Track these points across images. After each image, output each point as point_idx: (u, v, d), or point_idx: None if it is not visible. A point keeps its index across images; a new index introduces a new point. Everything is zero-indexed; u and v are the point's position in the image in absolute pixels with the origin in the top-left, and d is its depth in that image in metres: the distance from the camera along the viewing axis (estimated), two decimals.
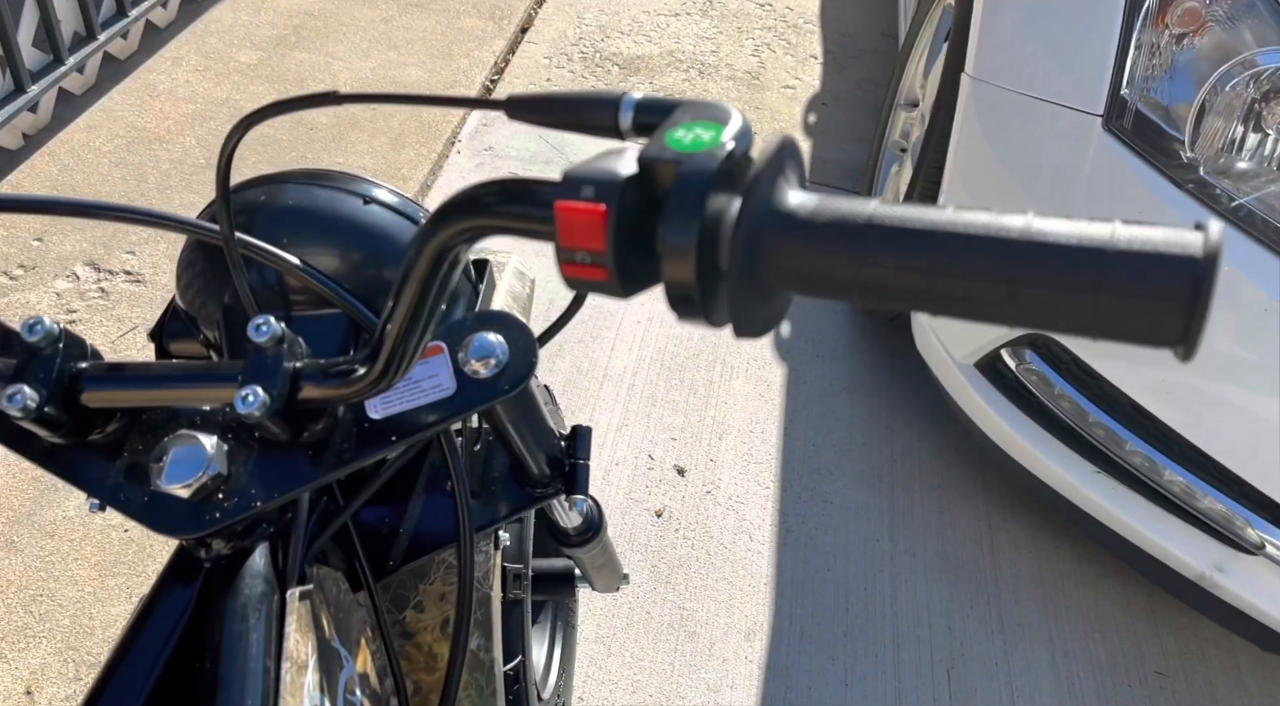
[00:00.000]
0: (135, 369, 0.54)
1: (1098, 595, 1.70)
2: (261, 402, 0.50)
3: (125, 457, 0.56)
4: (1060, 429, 1.48)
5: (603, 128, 0.42)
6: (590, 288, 0.38)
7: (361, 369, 0.50)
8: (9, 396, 0.50)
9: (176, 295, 0.75)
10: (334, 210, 0.70)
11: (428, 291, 0.46)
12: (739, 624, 1.60)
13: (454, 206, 0.42)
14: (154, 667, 0.55)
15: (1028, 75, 1.40)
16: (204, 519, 0.54)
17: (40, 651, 1.36)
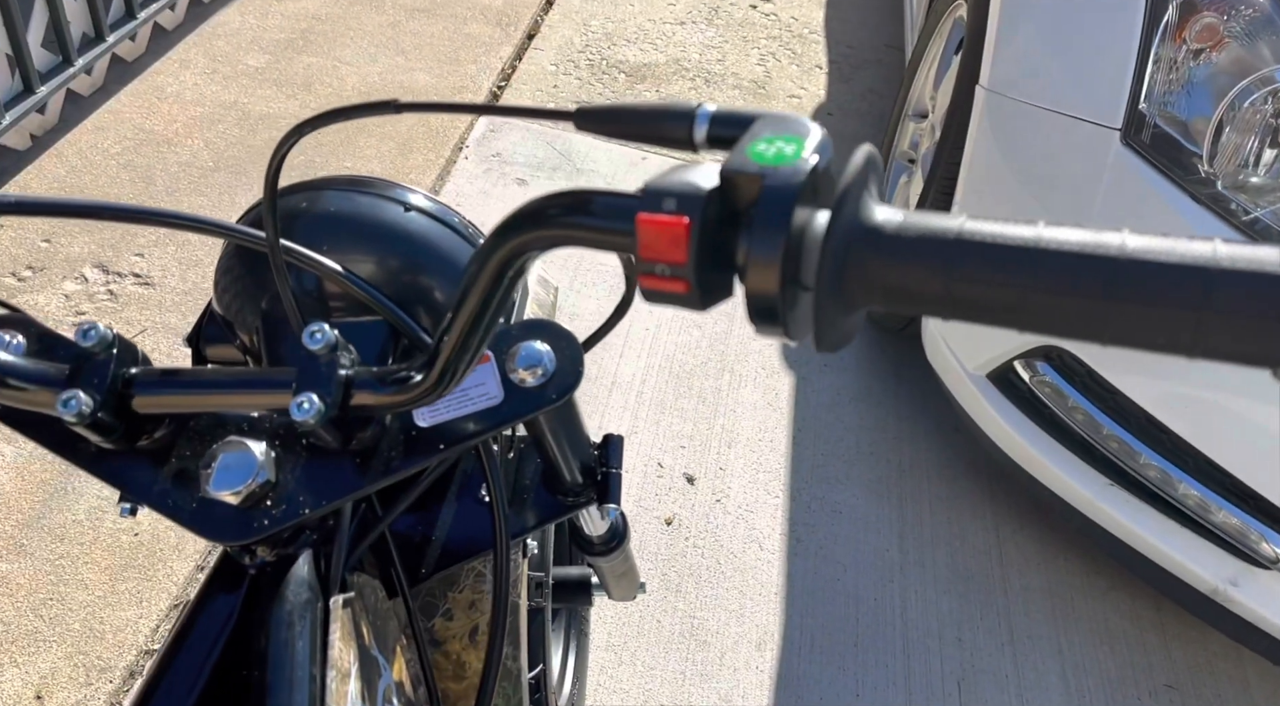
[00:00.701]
0: (188, 375, 0.54)
1: (1107, 608, 1.71)
2: (316, 410, 0.50)
3: (173, 463, 0.56)
4: (1073, 441, 1.48)
5: (675, 140, 0.42)
6: (667, 300, 0.38)
7: (417, 376, 0.50)
8: (64, 401, 0.50)
9: (213, 299, 0.75)
10: (375, 217, 0.70)
11: (490, 300, 0.46)
12: (750, 633, 1.60)
13: (526, 216, 0.42)
14: (200, 674, 0.54)
15: (1044, 88, 1.41)
16: (252, 525, 0.54)
17: (50, 656, 1.35)
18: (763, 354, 2.15)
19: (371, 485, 0.56)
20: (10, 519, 1.50)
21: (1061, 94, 1.37)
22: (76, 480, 1.58)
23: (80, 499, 1.55)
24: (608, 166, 2.71)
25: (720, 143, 0.41)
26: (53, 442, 0.57)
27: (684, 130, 0.41)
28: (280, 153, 0.57)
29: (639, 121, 0.43)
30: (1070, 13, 1.41)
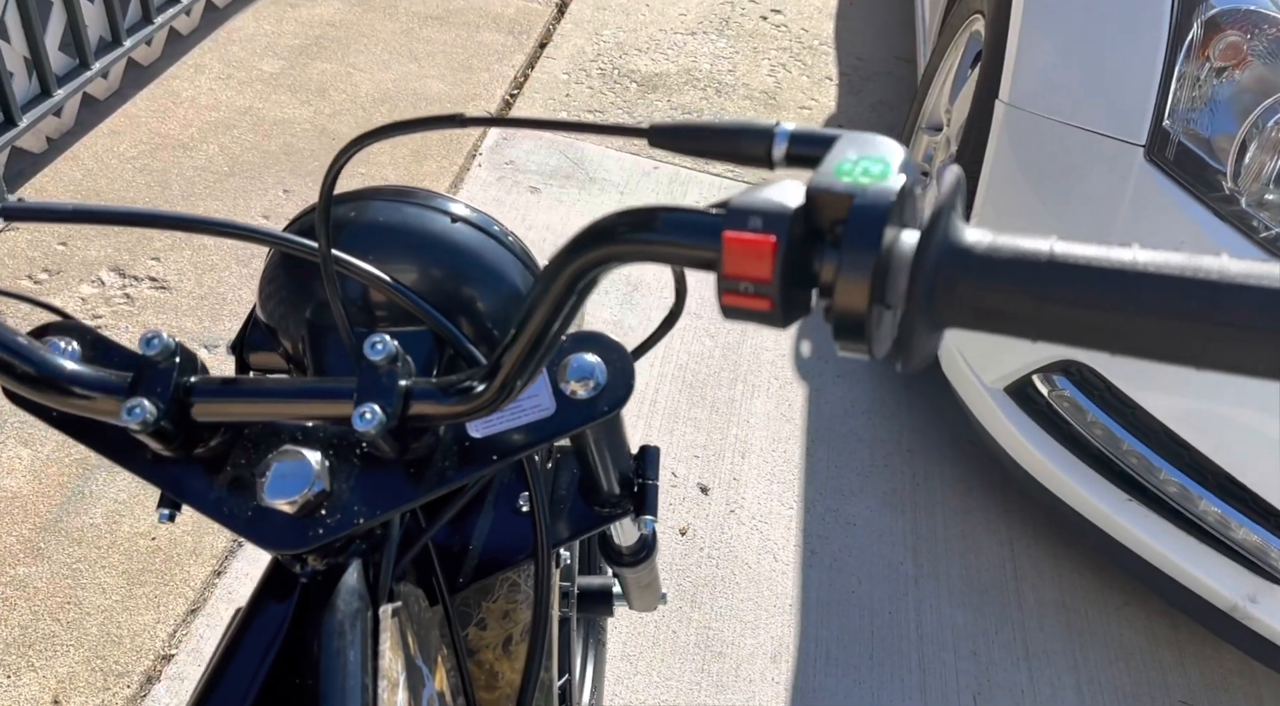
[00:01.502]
0: (248, 384, 0.54)
1: (1122, 623, 1.71)
2: (379, 420, 0.50)
3: (228, 472, 0.56)
4: (1091, 456, 1.48)
5: (752, 158, 0.42)
6: (750, 317, 0.38)
7: (479, 387, 0.50)
8: (129, 409, 0.50)
9: (257, 307, 0.75)
10: (422, 228, 0.70)
11: (558, 314, 0.46)
12: (765, 645, 1.60)
13: (603, 231, 0.42)
14: (254, 681, 0.54)
15: (1066, 103, 1.41)
16: (307, 534, 0.54)
17: (68, 660, 1.35)
18: (775, 365, 2.15)
19: (425, 495, 0.56)
20: (27, 522, 1.50)
21: (1084, 109, 1.38)
22: (94, 484, 1.58)
23: (97, 503, 1.55)
24: (620, 176, 2.72)
25: (798, 161, 0.41)
26: (109, 449, 0.57)
27: (762, 148, 0.42)
28: (338, 164, 0.58)
29: (715, 139, 0.43)
30: (1094, 28, 1.42)
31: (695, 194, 2.71)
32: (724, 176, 2.82)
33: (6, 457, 1.59)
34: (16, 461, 1.58)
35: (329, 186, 0.59)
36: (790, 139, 0.41)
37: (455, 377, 0.53)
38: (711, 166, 2.87)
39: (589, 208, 2.54)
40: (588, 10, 3.57)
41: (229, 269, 2.09)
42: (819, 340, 2.24)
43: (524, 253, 0.75)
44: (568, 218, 2.50)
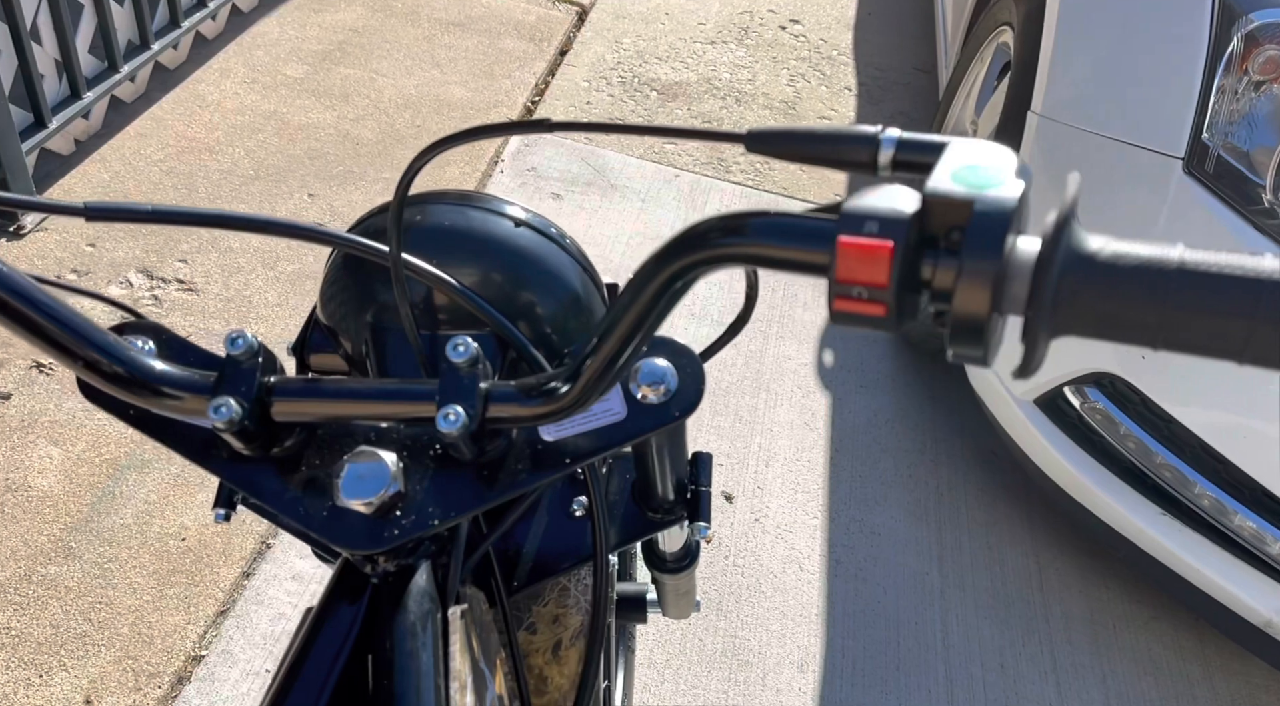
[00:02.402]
0: (329, 384, 0.54)
1: (1150, 638, 1.70)
2: (462, 422, 0.51)
3: (303, 472, 0.56)
4: (1123, 469, 1.48)
5: (857, 163, 0.42)
6: (860, 322, 0.38)
7: (563, 388, 0.51)
8: (216, 408, 0.50)
9: (318, 308, 0.75)
10: (487, 232, 0.71)
11: (649, 316, 0.46)
12: (791, 654, 1.59)
13: (704, 234, 0.42)
14: (327, 682, 0.54)
15: (1103, 114, 1.42)
16: (383, 535, 0.54)
17: (99, 660, 1.35)
18: (798, 373, 2.15)
19: (498, 498, 0.56)
20: (58, 521, 1.51)
21: (1121, 121, 1.38)
22: (124, 484, 1.58)
23: (128, 503, 1.55)
24: (641, 183, 2.73)
25: (905, 167, 0.41)
26: (185, 447, 0.57)
27: (867, 154, 0.42)
28: (415, 167, 0.58)
29: (817, 144, 0.43)
30: (1131, 40, 1.42)
31: (716, 202, 2.72)
32: (745, 185, 2.82)
33: (37, 457, 1.59)
34: (47, 461, 1.59)
35: (403, 190, 0.59)
36: (898, 144, 0.41)
37: (534, 380, 0.53)
38: (732, 175, 2.87)
39: (611, 215, 2.55)
40: (607, 18, 3.58)
41: (255, 271, 2.10)
42: (841, 349, 2.24)
43: (582, 257, 0.75)
44: (590, 224, 2.51)
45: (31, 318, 0.49)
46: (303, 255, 2.17)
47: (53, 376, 1.73)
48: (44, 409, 1.67)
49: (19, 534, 1.48)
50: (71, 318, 0.50)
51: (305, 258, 2.16)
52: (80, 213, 0.56)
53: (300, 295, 2.06)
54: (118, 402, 0.58)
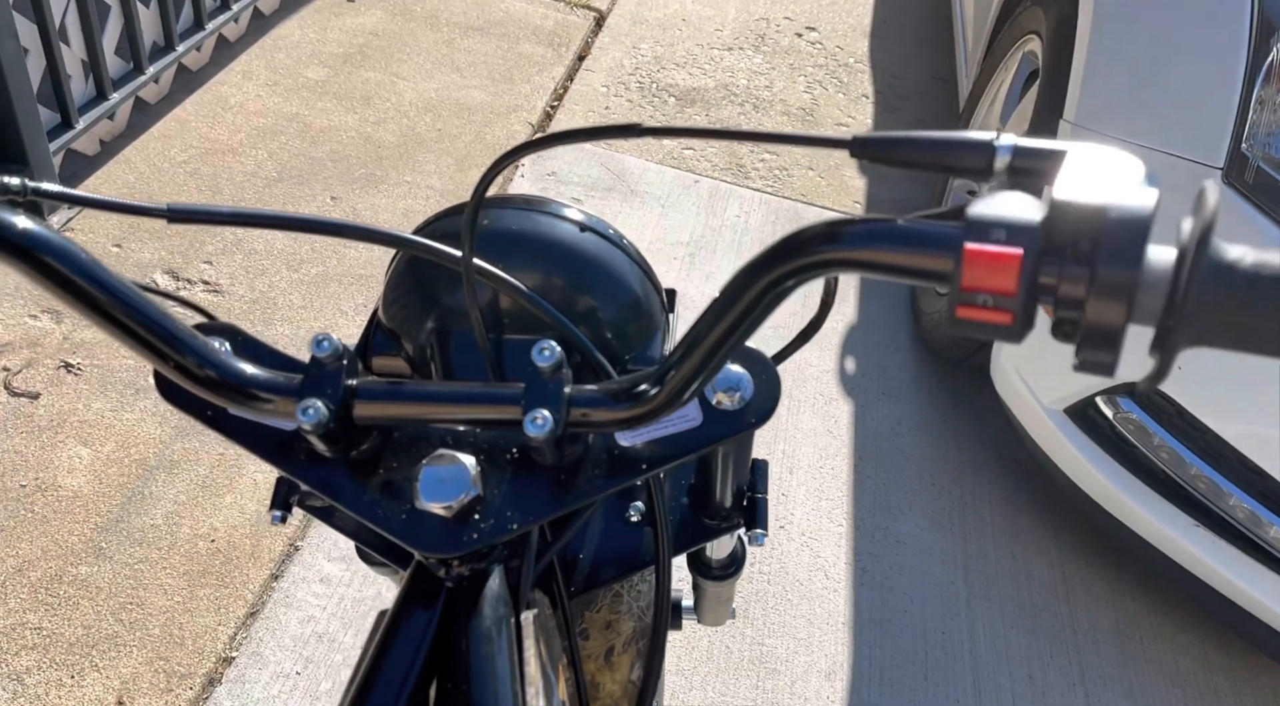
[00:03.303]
0: (412, 386, 0.54)
1: (1177, 649, 1.69)
2: (550, 426, 0.50)
3: (381, 475, 0.56)
4: (1156, 480, 1.47)
5: (969, 170, 0.42)
6: (984, 331, 0.38)
7: (653, 391, 0.50)
8: (304, 409, 0.50)
9: (380, 311, 0.75)
10: (553, 236, 0.71)
11: (746, 320, 0.46)
12: (819, 663, 1.59)
13: (813, 238, 0.42)
14: (405, 684, 0.54)
15: (1140, 124, 1.41)
16: (462, 539, 0.54)
17: (131, 661, 1.35)
18: (820, 380, 2.15)
19: (575, 503, 0.56)
20: (89, 521, 1.51)
21: (1158, 130, 1.38)
22: (153, 485, 1.58)
23: (157, 504, 1.55)
24: (661, 189, 2.73)
25: (1022, 173, 0.41)
26: (262, 449, 0.57)
27: (980, 160, 0.41)
28: (494, 172, 0.58)
29: (927, 150, 0.43)
30: (1168, 51, 1.42)
31: (736, 208, 2.72)
32: (764, 191, 2.82)
33: (66, 457, 1.59)
34: (77, 461, 1.59)
35: (479, 195, 0.59)
36: (1014, 151, 0.41)
37: (619, 384, 0.53)
38: (751, 181, 2.87)
39: (631, 220, 2.55)
40: (625, 24, 3.59)
41: (279, 273, 2.10)
42: (862, 356, 2.24)
43: (643, 261, 0.75)
44: None
45: (126, 320, 0.49)
46: (326, 258, 2.17)
47: (81, 376, 1.74)
48: (73, 409, 1.67)
49: (50, 533, 1.48)
50: (165, 321, 0.50)
51: (329, 260, 2.16)
52: (163, 214, 0.56)
53: (324, 298, 2.06)
54: (195, 403, 0.58)
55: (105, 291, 0.48)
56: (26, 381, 1.70)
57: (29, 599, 1.39)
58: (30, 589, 1.40)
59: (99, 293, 0.48)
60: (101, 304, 0.48)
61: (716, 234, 2.58)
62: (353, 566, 1.56)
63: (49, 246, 0.47)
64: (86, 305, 0.48)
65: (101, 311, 0.48)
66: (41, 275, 0.47)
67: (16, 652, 1.33)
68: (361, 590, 1.52)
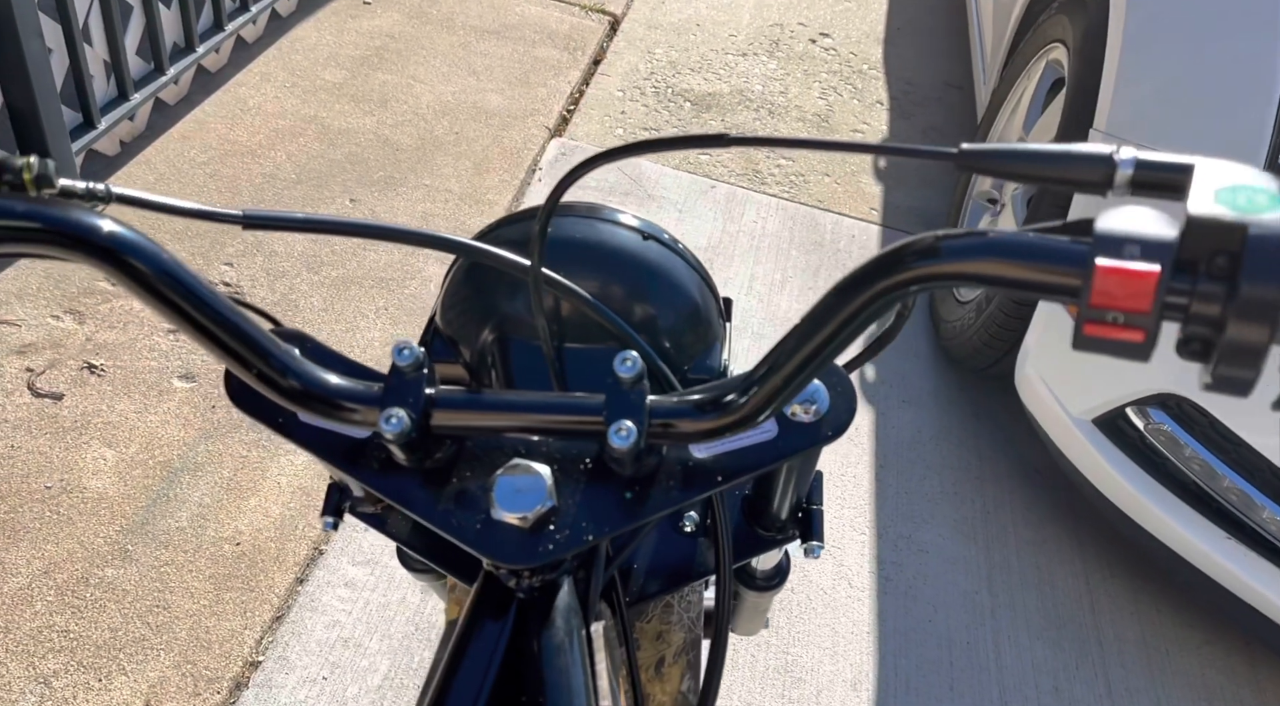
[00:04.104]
0: (492, 396, 0.53)
1: (1203, 662, 1.68)
2: (634, 437, 0.50)
3: (454, 484, 0.56)
4: (1187, 491, 1.47)
5: (1086, 183, 0.41)
6: (1112, 349, 0.37)
7: (742, 400, 0.50)
8: (387, 418, 0.50)
9: (437, 318, 0.75)
10: (617, 245, 0.70)
11: (844, 332, 0.45)
12: (844, 672, 1.58)
13: (929, 251, 0.41)
14: (479, 698, 0.54)
15: (1173, 133, 1.41)
16: (538, 549, 0.54)
17: (158, 664, 1.34)
18: None
19: (651, 515, 0.55)
20: (114, 523, 1.50)
21: (1193, 140, 1.37)
22: (178, 487, 1.58)
23: (182, 506, 1.55)
24: (678, 193, 2.73)
25: (1146, 188, 0.40)
26: (332, 457, 0.56)
27: (1100, 174, 0.41)
28: (572, 179, 0.57)
29: (1040, 163, 0.42)
30: (1203, 60, 1.42)
31: (753, 213, 2.71)
32: (780, 197, 2.82)
33: (91, 458, 1.59)
34: (101, 462, 1.58)
35: (553, 203, 0.58)
36: (1136, 165, 0.40)
37: (701, 395, 0.52)
38: (768, 187, 2.87)
39: None
40: (639, 29, 3.59)
41: (300, 275, 2.09)
42: (882, 365, 2.23)
43: (703, 270, 0.75)
44: None
45: (209, 325, 0.48)
46: (346, 260, 2.17)
47: (104, 377, 1.73)
48: (97, 410, 1.67)
49: (75, 535, 1.47)
50: (248, 327, 0.49)
51: (349, 263, 2.16)
52: (238, 221, 0.56)
53: (345, 300, 2.06)
54: (266, 410, 0.57)
55: (190, 295, 0.48)
56: (50, 382, 1.70)
57: (56, 601, 1.39)
58: (57, 591, 1.40)
59: (184, 297, 0.48)
60: (185, 308, 0.48)
61: (734, 239, 2.57)
62: (377, 571, 1.55)
63: (134, 249, 0.47)
64: (170, 309, 0.48)
65: (185, 315, 0.48)
66: (127, 277, 0.47)
67: (44, 655, 1.32)
68: (386, 595, 1.51)
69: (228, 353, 0.49)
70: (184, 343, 1.85)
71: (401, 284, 2.14)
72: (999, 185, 2.25)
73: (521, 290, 0.71)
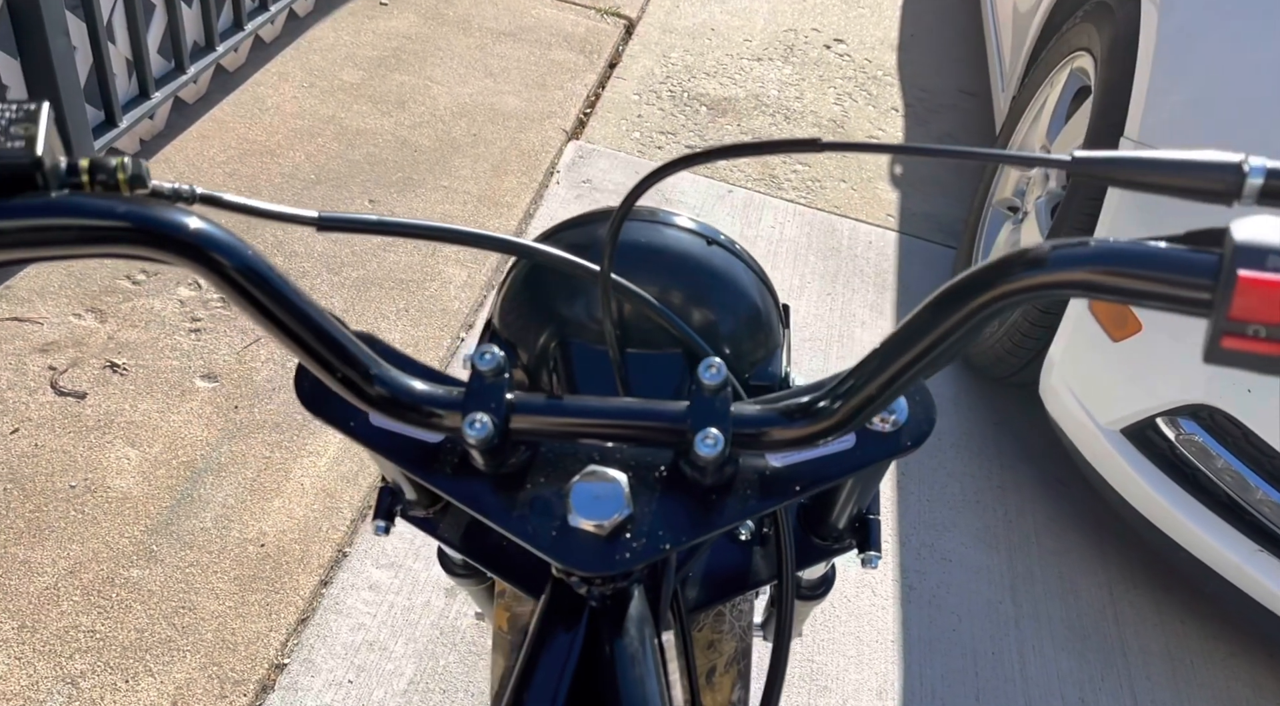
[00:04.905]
0: (573, 401, 0.53)
1: (1228, 675, 1.67)
2: (723, 445, 0.49)
3: (528, 490, 0.55)
4: (1219, 503, 1.46)
5: (1212, 192, 0.41)
6: (1249, 363, 0.36)
7: (836, 406, 0.49)
8: (470, 423, 0.49)
9: (495, 322, 0.74)
10: (683, 251, 0.69)
11: (948, 339, 0.44)
12: (869, 681, 1.57)
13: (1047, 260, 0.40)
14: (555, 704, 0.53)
15: (1207, 142, 1.40)
16: (614, 558, 0.53)
17: (185, 666, 1.33)
18: None
19: (726, 524, 0.55)
20: (139, 524, 1.49)
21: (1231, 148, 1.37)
22: (202, 487, 1.57)
23: (206, 507, 1.54)
24: (695, 198, 2.72)
25: (1273, 198, 0.39)
26: (405, 461, 0.56)
27: (1228, 183, 0.40)
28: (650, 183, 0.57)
29: (1165, 172, 0.41)
30: (1237, 67, 1.41)
31: (770, 218, 2.71)
32: (797, 202, 2.82)
33: (115, 458, 1.58)
34: (125, 462, 1.57)
35: (628, 207, 0.58)
36: (1267, 174, 0.39)
37: (787, 403, 0.51)
38: (784, 192, 2.87)
39: None
40: (654, 32, 3.59)
41: (320, 276, 2.09)
42: None
43: (765, 275, 0.74)
44: None
45: (294, 326, 0.48)
46: (366, 261, 2.16)
47: (127, 376, 1.72)
48: (119, 409, 1.66)
49: (100, 535, 1.46)
50: (333, 329, 0.49)
51: (369, 264, 2.15)
52: (313, 222, 0.55)
53: (365, 302, 2.05)
54: (339, 413, 0.57)
55: (277, 296, 0.47)
56: (72, 381, 1.69)
57: (82, 601, 1.38)
58: (83, 591, 1.39)
59: (271, 297, 0.47)
60: (272, 309, 0.47)
61: (751, 244, 2.57)
62: (401, 574, 1.54)
63: (221, 246, 0.46)
64: (258, 309, 0.47)
65: (271, 316, 0.47)
66: (214, 274, 0.46)
67: (70, 656, 1.31)
68: (411, 598, 1.51)
69: (311, 355, 0.49)
70: (205, 343, 1.84)
71: (421, 285, 2.14)
72: (1020, 192, 2.25)
73: (582, 294, 0.70)
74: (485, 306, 2.16)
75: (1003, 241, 2.21)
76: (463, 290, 2.15)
